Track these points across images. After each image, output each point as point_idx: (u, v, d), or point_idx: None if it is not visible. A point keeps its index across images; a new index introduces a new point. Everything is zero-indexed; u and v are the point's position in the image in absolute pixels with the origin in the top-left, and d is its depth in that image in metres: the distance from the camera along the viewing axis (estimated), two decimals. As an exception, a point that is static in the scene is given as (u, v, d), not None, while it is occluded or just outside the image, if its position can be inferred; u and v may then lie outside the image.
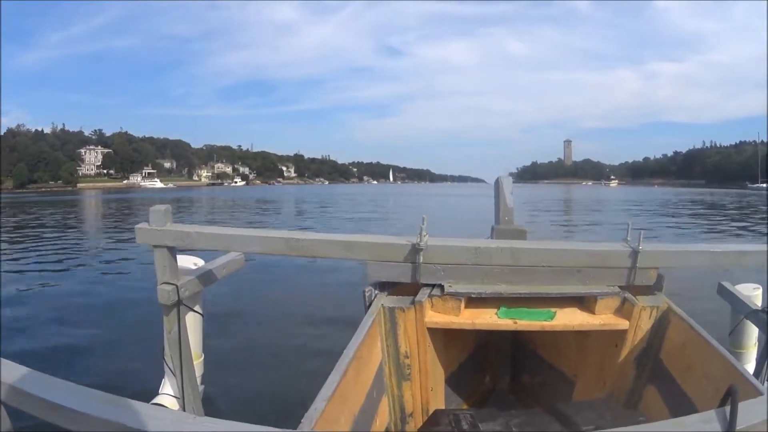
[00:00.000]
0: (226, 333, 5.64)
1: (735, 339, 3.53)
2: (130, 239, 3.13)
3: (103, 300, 8.10)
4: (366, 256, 2.69)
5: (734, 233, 18.76)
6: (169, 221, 2.73)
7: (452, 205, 38.60)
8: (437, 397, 2.85)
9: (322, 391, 1.81)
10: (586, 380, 2.94)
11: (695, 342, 2.36)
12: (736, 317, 3.45)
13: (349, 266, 2.78)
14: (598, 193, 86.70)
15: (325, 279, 8.81)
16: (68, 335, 6.22)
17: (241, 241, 2.78)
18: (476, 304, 2.73)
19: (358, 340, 2.29)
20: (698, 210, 34.39)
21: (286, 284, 8.83)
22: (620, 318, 2.65)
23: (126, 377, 4.64)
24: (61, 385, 1.53)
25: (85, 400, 1.44)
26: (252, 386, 4.50)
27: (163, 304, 2.79)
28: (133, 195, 70.30)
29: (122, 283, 9.52)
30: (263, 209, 35.68)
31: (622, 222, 3.27)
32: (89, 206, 43.06)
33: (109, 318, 7.02)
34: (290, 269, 9.48)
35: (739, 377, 2.00)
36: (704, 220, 25.92)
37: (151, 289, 2.78)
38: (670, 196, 65.30)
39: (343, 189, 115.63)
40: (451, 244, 2.70)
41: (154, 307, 2.86)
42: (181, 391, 2.99)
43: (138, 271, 10.42)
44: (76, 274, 10.72)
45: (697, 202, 46.14)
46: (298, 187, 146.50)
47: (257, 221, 25.75)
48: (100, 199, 56.39)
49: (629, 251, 2.64)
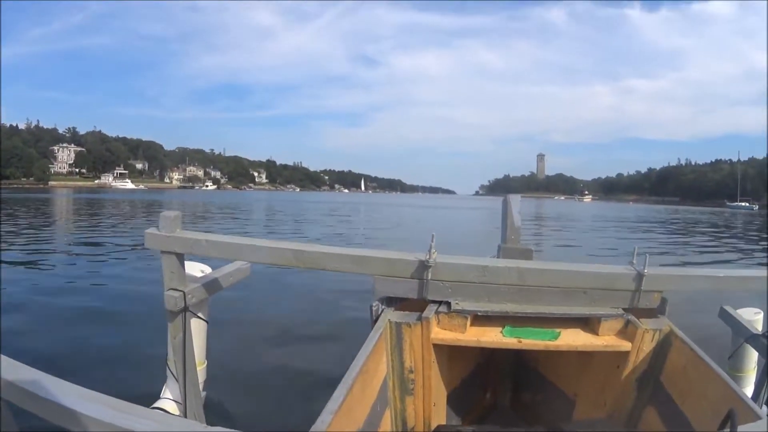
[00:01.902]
0: (229, 340, 5.51)
1: (735, 362, 3.52)
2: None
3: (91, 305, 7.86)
4: (374, 271, 2.67)
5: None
6: (178, 227, 2.71)
7: (426, 220, 38.04)
8: (439, 412, 2.84)
9: (329, 404, 1.81)
10: (586, 400, 2.93)
11: (696, 365, 2.37)
12: (736, 341, 3.45)
13: (357, 277, 2.75)
14: (572, 208, 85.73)
15: (333, 288, 8.58)
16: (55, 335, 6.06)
17: (250, 251, 2.75)
18: (482, 322, 2.72)
19: (364, 354, 2.28)
20: (702, 229, 34.09)
21: (293, 292, 8.67)
22: (623, 340, 2.65)
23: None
24: (69, 387, 1.51)
25: (93, 404, 1.43)
26: (255, 395, 4.41)
27: (170, 310, 2.76)
28: (104, 195, 69.04)
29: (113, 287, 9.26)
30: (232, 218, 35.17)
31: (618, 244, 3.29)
32: (60, 205, 42.08)
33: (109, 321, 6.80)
34: (297, 277, 9.27)
35: (738, 401, 2.01)
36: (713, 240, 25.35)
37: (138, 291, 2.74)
38: (654, 213, 64.94)
39: (315, 197, 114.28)
40: (459, 262, 2.69)
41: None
42: (183, 396, 2.96)
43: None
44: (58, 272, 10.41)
45: (691, 221, 45.57)
46: (269, 194, 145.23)
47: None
48: (71, 199, 55.19)
49: (634, 274, 2.65)
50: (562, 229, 30.83)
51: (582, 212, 63.12)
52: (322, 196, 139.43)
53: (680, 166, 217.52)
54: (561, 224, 34.68)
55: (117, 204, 44.52)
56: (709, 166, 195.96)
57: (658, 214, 59.40)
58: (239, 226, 25.30)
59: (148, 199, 59.77)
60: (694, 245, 21.72)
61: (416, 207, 65.18)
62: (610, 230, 30.41)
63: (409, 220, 35.94)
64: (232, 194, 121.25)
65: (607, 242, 21.62)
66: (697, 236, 27.45)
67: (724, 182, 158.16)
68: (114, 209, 36.55)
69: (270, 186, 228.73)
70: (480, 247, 11.80)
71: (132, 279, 9.56)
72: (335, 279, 8.17)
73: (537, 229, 28.54)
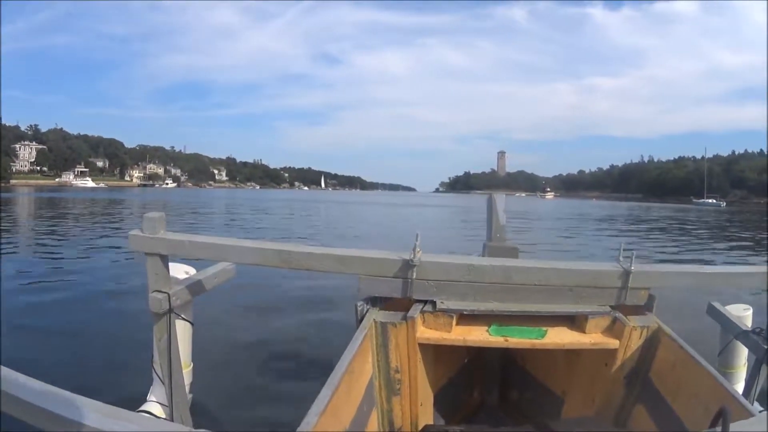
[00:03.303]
0: (215, 342, 5.45)
1: (724, 359, 3.47)
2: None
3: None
4: (359, 271, 2.62)
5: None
6: (162, 229, 2.62)
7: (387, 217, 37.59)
8: (426, 412, 2.80)
9: (314, 405, 1.78)
10: (575, 398, 2.91)
11: (685, 362, 2.35)
12: (725, 337, 3.40)
13: (344, 277, 2.68)
14: (536, 205, 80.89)
15: (318, 289, 8.59)
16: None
17: (235, 252, 2.69)
18: (468, 321, 2.69)
19: (350, 354, 2.24)
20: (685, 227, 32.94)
21: (278, 293, 8.61)
22: (611, 337, 2.63)
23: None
24: (57, 393, 1.43)
25: (81, 410, 1.36)
26: (241, 397, 4.34)
27: (154, 312, 2.68)
28: (65, 194, 67.27)
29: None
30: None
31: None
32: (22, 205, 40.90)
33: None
34: (282, 278, 9.22)
35: (728, 398, 2.00)
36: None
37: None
38: (627, 210, 62.73)
39: (275, 195, 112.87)
40: (444, 261, 2.67)
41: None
42: (170, 399, 2.87)
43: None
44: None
45: (677, 219, 43.58)
46: (229, 191, 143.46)
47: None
48: (33, 198, 53.46)
49: (621, 271, 2.63)
50: (531, 229, 28.59)
51: (550, 210, 60.57)
52: (281, 193, 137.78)
53: (643, 163, 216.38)
54: (526, 223, 32.99)
55: (81, 202, 43.48)
56: (673, 163, 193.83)
57: (632, 211, 58.15)
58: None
59: (110, 197, 58.41)
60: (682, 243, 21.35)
61: (372, 205, 64.79)
62: (589, 229, 29.45)
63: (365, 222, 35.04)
64: (193, 192, 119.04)
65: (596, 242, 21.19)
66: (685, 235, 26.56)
67: (689, 179, 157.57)
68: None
69: (230, 184, 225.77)
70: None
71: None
72: (322, 279, 8.18)
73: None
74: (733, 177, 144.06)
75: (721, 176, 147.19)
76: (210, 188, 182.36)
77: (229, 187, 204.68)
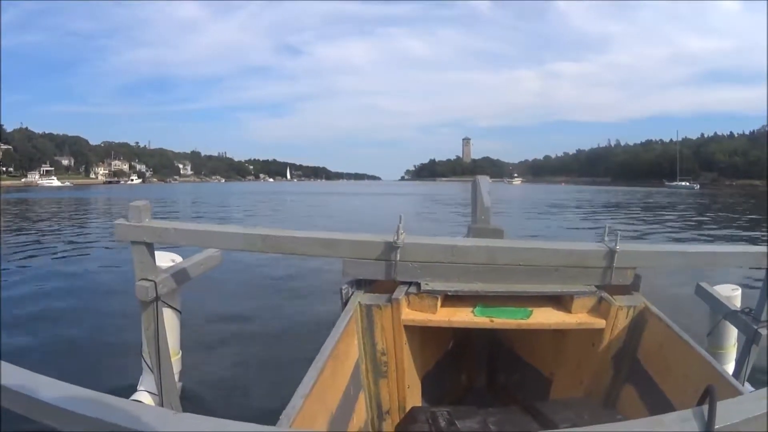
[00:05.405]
0: (203, 329, 5.35)
1: (714, 340, 3.43)
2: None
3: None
4: (343, 254, 2.58)
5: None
6: (147, 217, 2.54)
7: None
8: (414, 394, 2.75)
9: (300, 388, 1.74)
10: (563, 379, 2.86)
11: (673, 342, 2.31)
12: (714, 318, 3.36)
13: (328, 261, 2.59)
14: (504, 191, 75.13)
15: (304, 273, 8.55)
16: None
17: (219, 238, 2.63)
18: (453, 303, 2.65)
19: (335, 337, 2.20)
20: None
21: (264, 278, 8.52)
22: (597, 317, 2.59)
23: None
24: (44, 381, 1.36)
25: (68, 398, 1.29)
26: (229, 384, 4.25)
27: (141, 301, 2.61)
28: (31, 194, 65.41)
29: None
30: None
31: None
32: None
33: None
34: (269, 262, 9.11)
35: (717, 377, 1.96)
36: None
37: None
38: (605, 195, 61.17)
39: (240, 187, 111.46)
40: (428, 242, 2.62)
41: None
42: (159, 387, 2.80)
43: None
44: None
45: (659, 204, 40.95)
46: (194, 185, 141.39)
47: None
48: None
49: (606, 251, 2.58)
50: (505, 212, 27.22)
51: (521, 196, 57.91)
52: (246, 186, 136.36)
53: (610, 147, 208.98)
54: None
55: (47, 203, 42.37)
56: (641, 147, 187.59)
57: (610, 196, 55.82)
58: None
59: (74, 196, 56.92)
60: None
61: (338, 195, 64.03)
62: (568, 213, 28.74)
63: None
64: (158, 187, 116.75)
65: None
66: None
67: (657, 162, 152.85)
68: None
69: (195, 178, 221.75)
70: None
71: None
72: (310, 261, 7.95)
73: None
74: (702, 160, 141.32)
75: (691, 159, 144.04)
76: (175, 183, 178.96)
77: (194, 181, 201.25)
